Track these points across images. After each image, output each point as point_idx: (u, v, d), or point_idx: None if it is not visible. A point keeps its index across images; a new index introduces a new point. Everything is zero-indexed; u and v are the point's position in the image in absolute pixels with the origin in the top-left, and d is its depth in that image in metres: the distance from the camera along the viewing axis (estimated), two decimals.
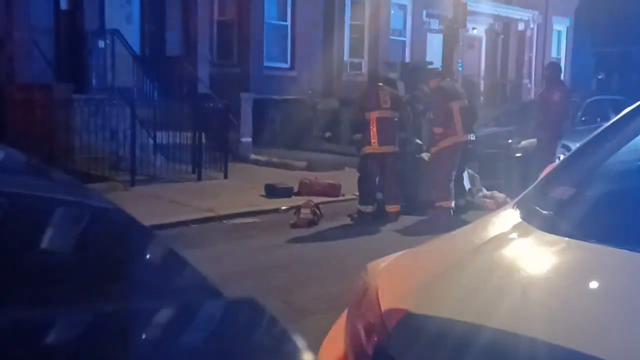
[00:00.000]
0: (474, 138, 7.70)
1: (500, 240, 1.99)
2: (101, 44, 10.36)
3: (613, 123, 2.34)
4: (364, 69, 14.97)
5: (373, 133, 7.14)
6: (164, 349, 1.37)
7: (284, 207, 7.62)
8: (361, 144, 7.29)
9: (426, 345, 1.59)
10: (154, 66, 10.72)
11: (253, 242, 6.25)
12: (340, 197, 8.31)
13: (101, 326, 1.37)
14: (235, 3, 13.51)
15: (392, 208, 7.34)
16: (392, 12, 16.14)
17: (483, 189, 8.30)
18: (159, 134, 9.62)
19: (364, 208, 7.26)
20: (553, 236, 1.88)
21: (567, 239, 1.85)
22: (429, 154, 7.81)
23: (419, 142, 8.12)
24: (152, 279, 1.71)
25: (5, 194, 1.58)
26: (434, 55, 16.44)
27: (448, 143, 7.41)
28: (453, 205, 7.46)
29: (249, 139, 11.63)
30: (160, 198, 7.82)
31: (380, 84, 7.49)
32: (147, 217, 5.79)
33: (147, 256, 1.81)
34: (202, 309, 1.60)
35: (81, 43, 10.35)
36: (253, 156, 11.31)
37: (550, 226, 1.92)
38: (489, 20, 18.43)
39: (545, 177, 2.33)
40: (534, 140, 8.47)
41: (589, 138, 2.37)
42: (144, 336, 1.42)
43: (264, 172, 10.03)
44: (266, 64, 13.88)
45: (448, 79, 8.14)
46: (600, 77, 22.51)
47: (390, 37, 16.07)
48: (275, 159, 11.09)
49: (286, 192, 8.18)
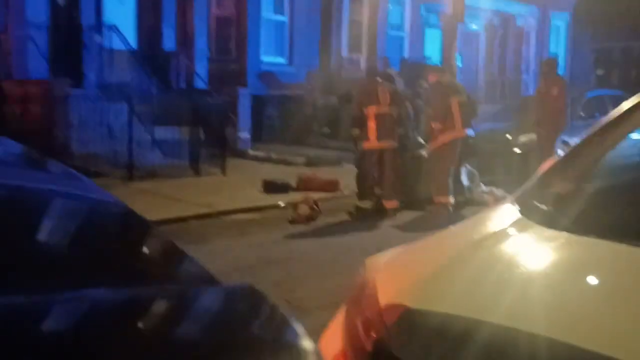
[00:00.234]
0: (472, 134, 7.70)
1: (499, 236, 1.98)
2: (98, 39, 10.33)
3: (612, 118, 2.33)
4: (362, 64, 14.95)
5: (371, 129, 7.13)
6: (164, 335, 1.38)
7: (282, 203, 7.62)
8: (360, 140, 7.28)
9: (425, 340, 1.59)
10: (151, 61, 10.69)
11: (251, 238, 6.25)
12: (339, 193, 8.31)
13: (100, 314, 1.38)
14: None
15: (390, 204, 7.33)
16: (391, 7, 16.12)
17: (482, 185, 8.29)
18: (156, 129, 9.60)
19: (363, 204, 7.26)
20: (552, 231, 1.87)
21: (566, 234, 1.84)
22: (428, 149, 7.81)
23: (419, 140, 8.10)
24: (151, 268, 1.71)
25: (4, 186, 1.59)
26: (433, 50, 16.44)
27: (447, 138, 7.40)
28: (452, 201, 7.46)
29: (247, 135, 11.62)
30: (158, 194, 7.81)
31: (379, 79, 7.47)
32: (145, 213, 5.75)
33: (146, 246, 1.81)
34: (201, 297, 1.61)
35: (78, 38, 10.32)
36: (251, 152, 11.29)
37: (549, 221, 1.91)
38: (488, 16, 18.41)
39: (544, 172, 2.32)
40: (532, 135, 8.47)
41: (588, 133, 2.37)
42: (144, 322, 1.42)
43: (263, 168, 10.02)
44: (264, 59, 13.86)
45: (447, 74, 8.13)
46: (599, 72, 22.52)
47: (389, 32, 16.05)
48: (273, 155, 11.08)
49: (284, 188, 8.17)
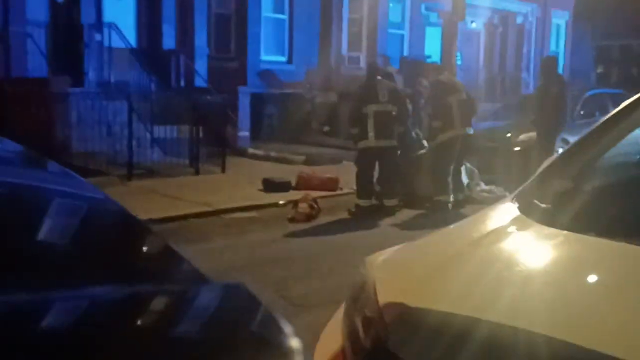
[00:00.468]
0: (472, 132, 7.69)
1: (499, 234, 1.98)
2: (98, 37, 10.32)
3: (612, 117, 2.33)
4: (362, 62, 14.94)
5: (371, 127, 7.12)
6: (153, 333, 1.39)
7: (281, 202, 7.61)
8: (359, 138, 7.28)
9: (424, 339, 1.59)
10: (150, 59, 10.68)
11: (251, 236, 6.24)
12: (339, 191, 8.31)
13: (91, 312, 1.38)
14: None
15: (390, 202, 7.33)
16: (391, 5, 16.10)
17: (481, 183, 8.29)
18: (156, 127, 9.59)
19: (362, 202, 7.25)
20: (551, 229, 1.87)
21: (565, 232, 1.84)
22: (428, 148, 7.81)
23: (419, 136, 8.09)
24: (141, 266, 1.72)
25: (1, 184, 1.59)
26: (433, 48, 16.42)
27: (447, 137, 7.40)
28: (451, 199, 7.46)
29: (247, 133, 11.61)
30: (158, 192, 7.81)
31: (379, 77, 7.46)
32: (144, 212, 5.78)
33: (136, 245, 1.82)
34: (190, 295, 1.62)
35: (77, 36, 10.31)
36: (251, 150, 11.29)
37: (548, 219, 1.91)
38: (488, 14, 18.39)
39: (544, 170, 2.32)
40: (532, 133, 8.46)
41: (588, 131, 2.37)
42: (132, 321, 1.43)
43: (262, 167, 10.02)
44: (264, 57, 13.85)
45: (447, 72, 8.13)
46: (599, 70, 22.50)
47: (389, 30, 16.03)
48: (273, 153, 11.07)
49: (284, 187, 8.17)
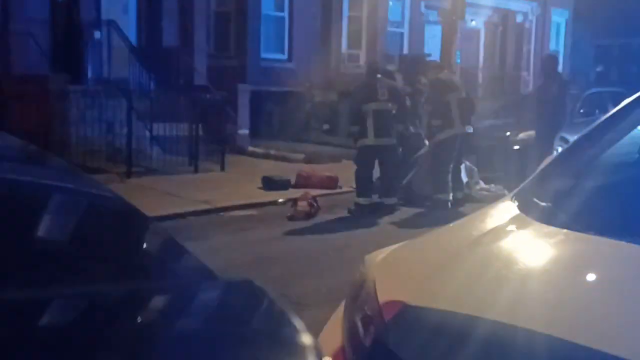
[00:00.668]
0: (471, 130, 7.69)
1: (498, 233, 1.98)
2: (97, 34, 10.31)
3: (611, 115, 2.33)
4: (362, 60, 14.93)
5: (371, 125, 7.12)
6: (165, 329, 1.38)
7: (281, 200, 7.62)
8: (359, 136, 7.27)
9: (424, 337, 1.59)
10: (150, 57, 10.66)
11: (250, 234, 6.24)
12: (338, 190, 8.31)
13: (101, 308, 1.38)
14: None
15: (389, 200, 7.33)
16: (391, 3, 16.09)
17: (481, 182, 8.30)
18: (155, 125, 9.59)
19: (362, 200, 7.25)
20: (551, 228, 1.87)
21: (565, 230, 1.84)
22: (427, 146, 7.81)
23: (419, 134, 8.08)
24: (151, 262, 1.72)
25: (4, 181, 1.59)
26: (432, 47, 16.40)
27: (446, 135, 7.40)
28: (451, 197, 7.46)
29: (247, 131, 11.61)
30: (157, 190, 7.81)
31: (379, 75, 7.46)
32: (143, 209, 5.75)
33: (146, 241, 1.82)
34: (201, 291, 1.61)
35: (77, 34, 10.29)
36: (250, 148, 11.29)
37: (548, 218, 1.91)
38: (488, 12, 18.37)
39: (543, 169, 2.32)
40: (532, 132, 8.46)
41: (587, 130, 2.37)
42: (145, 316, 1.43)
43: (262, 165, 10.02)
44: (264, 55, 13.84)
45: (446, 71, 8.13)
46: (599, 69, 22.50)
47: (389, 28, 16.02)
48: (272, 151, 11.07)
49: (283, 185, 8.17)
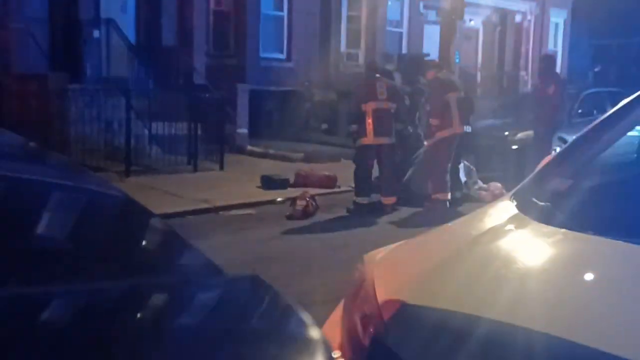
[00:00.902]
0: (469, 130, 7.70)
1: (497, 232, 1.99)
2: (96, 33, 10.29)
3: (609, 115, 2.34)
4: (361, 60, 14.93)
5: (369, 124, 7.12)
6: (171, 324, 1.39)
7: (280, 199, 7.62)
8: (357, 136, 7.28)
9: (423, 336, 1.59)
10: (149, 56, 10.66)
11: (249, 233, 6.25)
12: (337, 189, 8.31)
13: (107, 304, 1.39)
14: None
15: (388, 200, 7.34)
16: (390, 3, 16.09)
17: (479, 181, 8.30)
18: (154, 124, 9.58)
19: (360, 199, 7.26)
20: (549, 227, 1.88)
21: (563, 230, 1.84)
22: (426, 145, 7.81)
23: (418, 134, 8.09)
24: (157, 258, 1.72)
25: (8, 178, 1.60)
26: (431, 46, 16.41)
27: (444, 135, 7.41)
28: (449, 197, 7.46)
29: (245, 130, 11.60)
30: (156, 189, 7.80)
31: (378, 75, 7.47)
32: None
33: (151, 237, 1.83)
34: (208, 287, 1.61)
35: (76, 32, 10.27)
36: (249, 147, 11.28)
37: (546, 217, 1.92)
38: (487, 12, 18.39)
39: (542, 168, 2.32)
40: (530, 132, 8.48)
41: (585, 130, 2.37)
42: (152, 311, 1.43)
43: (260, 164, 10.02)
44: (263, 54, 13.83)
45: (445, 70, 8.13)
46: (597, 69, 22.52)
47: (387, 28, 16.02)
48: (271, 151, 11.07)
49: (282, 184, 8.17)
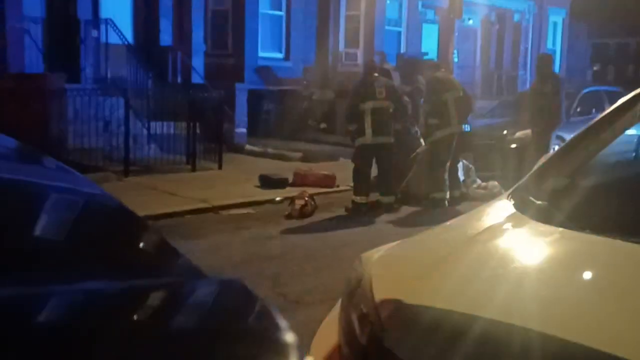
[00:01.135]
0: (468, 129, 7.70)
1: (495, 231, 1.99)
2: (94, 33, 10.28)
3: (607, 114, 2.34)
4: (360, 59, 14.93)
5: (368, 124, 7.12)
6: (151, 327, 1.39)
7: (278, 198, 7.61)
8: (356, 135, 7.28)
9: (420, 335, 1.59)
10: (147, 56, 10.65)
11: (247, 232, 6.24)
12: (335, 188, 8.31)
13: (89, 307, 1.39)
14: None
15: (386, 199, 7.34)
16: (388, 2, 16.09)
17: (478, 180, 8.31)
18: (152, 124, 9.58)
19: (359, 199, 7.25)
20: (547, 226, 1.88)
21: (561, 229, 1.85)
22: (424, 145, 7.81)
23: (417, 133, 8.09)
24: (140, 261, 1.73)
25: None
26: (430, 46, 16.42)
27: (443, 134, 7.41)
28: (448, 196, 7.47)
29: (244, 130, 11.61)
30: (154, 188, 7.80)
31: (376, 74, 7.46)
32: (141, 208, 5.77)
33: (135, 240, 1.83)
34: (187, 290, 1.63)
35: (74, 32, 10.26)
36: (248, 147, 11.28)
37: (544, 216, 1.92)
38: (485, 11, 18.40)
39: (540, 167, 2.33)
40: (528, 131, 8.48)
41: (583, 129, 2.37)
42: (131, 315, 1.44)
43: (259, 163, 10.01)
44: (261, 54, 13.83)
45: (443, 69, 8.13)
46: (595, 68, 22.56)
47: (386, 27, 16.03)
48: (270, 150, 11.07)
49: (281, 183, 8.17)
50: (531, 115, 8.34)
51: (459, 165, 7.96)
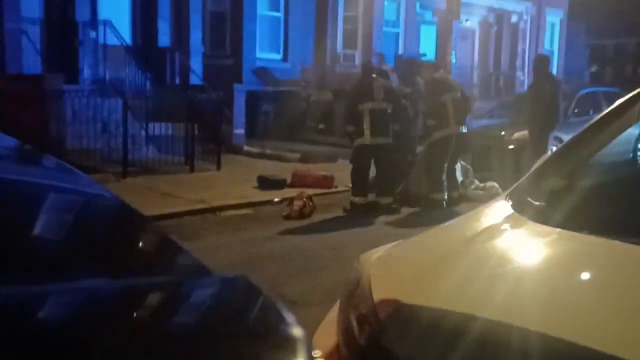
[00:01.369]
0: (466, 130, 7.72)
1: (493, 231, 2.00)
2: (92, 34, 10.28)
3: (605, 115, 2.35)
4: (357, 60, 14.95)
5: (366, 125, 7.13)
6: (156, 325, 1.39)
7: (276, 199, 7.62)
8: (354, 136, 7.29)
9: (418, 335, 1.60)
10: (145, 57, 10.65)
11: (246, 233, 6.25)
12: (334, 189, 8.31)
13: (94, 305, 1.39)
14: None
15: (385, 200, 7.35)
16: (386, 3, 16.11)
17: (476, 181, 8.32)
18: (151, 125, 9.57)
19: (357, 200, 7.26)
20: (545, 227, 1.88)
21: (558, 229, 1.85)
22: (422, 146, 7.83)
23: (415, 135, 8.10)
24: (146, 260, 1.73)
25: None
26: (428, 47, 16.44)
27: (441, 135, 7.42)
28: (446, 197, 7.48)
29: (242, 131, 11.60)
30: (153, 190, 7.80)
31: (374, 75, 7.47)
32: (140, 209, 5.76)
33: (140, 239, 1.83)
34: (193, 287, 1.63)
35: (72, 33, 10.26)
36: (246, 148, 11.28)
37: (542, 217, 1.93)
38: (483, 12, 18.44)
39: (538, 168, 2.33)
40: (526, 132, 8.49)
41: (581, 130, 2.38)
42: (136, 313, 1.44)
43: (257, 164, 10.02)
44: (259, 55, 13.84)
45: (441, 70, 8.14)
46: (593, 69, 22.59)
47: (384, 28, 16.05)
48: (268, 151, 11.07)
49: (279, 184, 8.17)
50: (529, 116, 8.35)
51: (457, 166, 7.97)
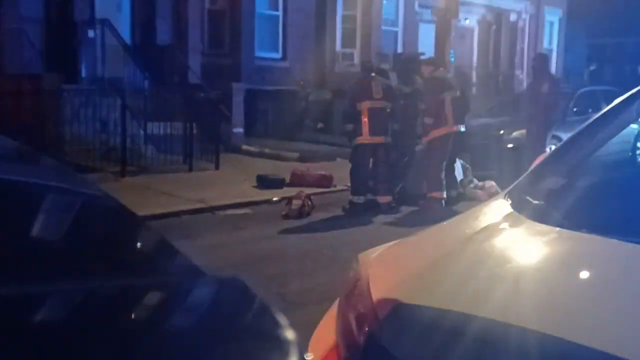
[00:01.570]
0: (464, 129, 7.72)
1: (491, 231, 1.99)
2: (91, 33, 10.27)
3: (604, 114, 2.35)
4: (356, 59, 14.94)
5: (365, 123, 7.13)
6: (150, 326, 1.40)
7: (275, 198, 7.62)
8: (353, 135, 7.29)
9: (417, 335, 1.60)
10: (144, 56, 10.64)
11: (244, 233, 6.24)
12: (332, 188, 8.31)
13: (87, 305, 1.39)
14: None
15: (383, 199, 7.35)
16: (385, 2, 16.09)
17: (474, 180, 8.32)
18: (149, 124, 9.56)
19: (356, 199, 7.26)
20: (544, 226, 1.88)
21: (557, 228, 1.85)
22: (421, 144, 7.82)
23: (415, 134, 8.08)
24: (139, 261, 1.73)
25: None
26: (427, 45, 16.42)
27: (440, 133, 7.42)
28: (444, 196, 7.48)
29: (241, 130, 11.60)
30: (151, 189, 7.79)
31: (373, 74, 7.47)
32: (138, 208, 5.76)
33: (134, 240, 1.83)
34: (186, 288, 1.63)
35: (71, 32, 10.25)
36: (245, 147, 11.27)
37: (541, 216, 1.92)
38: (481, 11, 18.42)
39: (536, 167, 2.33)
40: (525, 131, 8.50)
41: (580, 129, 2.38)
42: (129, 313, 1.44)
43: (256, 163, 10.01)
44: (258, 54, 13.81)
45: (441, 69, 8.14)
46: (592, 68, 22.61)
47: (383, 27, 16.04)
48: (267, 150, 11.06)
49: (278, 183, 8.17)
50: (528, 115, 8.36)
51: (456, 164, 7.97)
